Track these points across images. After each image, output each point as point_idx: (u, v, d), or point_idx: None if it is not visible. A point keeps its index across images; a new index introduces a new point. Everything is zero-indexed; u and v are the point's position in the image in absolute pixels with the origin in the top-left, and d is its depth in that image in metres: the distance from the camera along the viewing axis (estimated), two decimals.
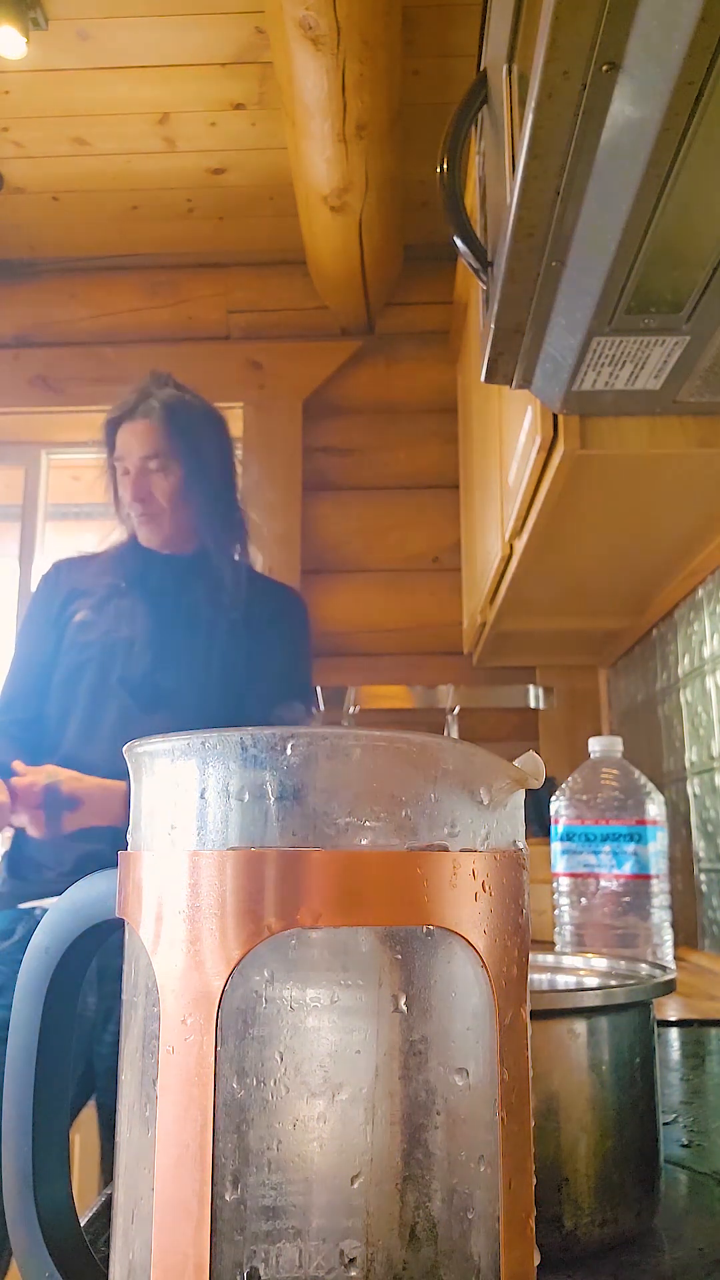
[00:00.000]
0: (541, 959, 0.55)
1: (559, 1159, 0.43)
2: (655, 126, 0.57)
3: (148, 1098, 0.29)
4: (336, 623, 2.32)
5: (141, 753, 0.32)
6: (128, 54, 1.85)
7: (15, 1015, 0.34)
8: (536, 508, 1.27)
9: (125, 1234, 0.30)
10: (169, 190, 2.24)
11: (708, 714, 1.55)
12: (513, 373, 0.92)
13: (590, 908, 1.06)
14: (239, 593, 1.49)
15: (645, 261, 0.71)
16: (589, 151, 0.63)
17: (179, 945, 0.28)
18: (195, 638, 1.46)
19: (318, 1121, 0.30)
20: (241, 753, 0.30)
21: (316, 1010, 0.30)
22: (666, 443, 1.04)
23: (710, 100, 0.55)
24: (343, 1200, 0.30)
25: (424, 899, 0.29)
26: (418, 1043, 0.30)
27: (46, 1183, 0.33)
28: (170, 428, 1.48)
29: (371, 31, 1.52)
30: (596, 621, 1.92)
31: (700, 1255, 0.43)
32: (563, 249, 0.73)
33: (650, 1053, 0.47)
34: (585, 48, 0.56)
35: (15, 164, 2.15)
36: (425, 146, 2.05)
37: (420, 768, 0.30)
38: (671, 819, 1.70)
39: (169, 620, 1.47)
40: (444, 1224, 0.30)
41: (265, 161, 2.14)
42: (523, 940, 0.31)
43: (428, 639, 2.31)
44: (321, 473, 2.39)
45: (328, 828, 0.29)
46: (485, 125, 0.87)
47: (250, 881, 0.28)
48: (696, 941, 1.60)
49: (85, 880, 0.33)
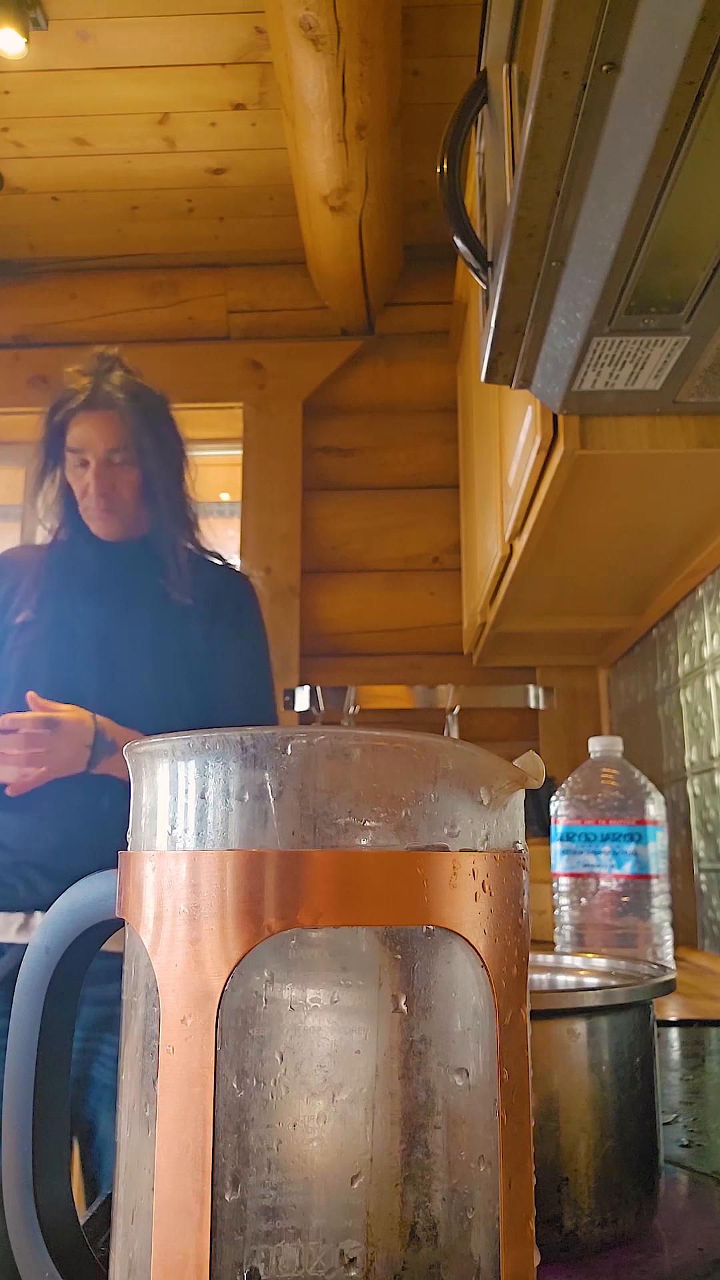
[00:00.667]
0: (541, 959, 0.55)
1: (559, 1159, 0.43)
2: (655, 126, 0.57)
3: (148, 1098, 0.29)
4: (336, 623, 2.32)
5: (142, 753, 0.32)
6: (128, 54, 1.85)
7: (15, 1015, 0.34)
8: (536, 508, 1.27)
9: (125, 1234, 0.30)
10: (169, 190, 2.24)
11: (708, 714, 1.55)
12: (513, 373, 0.92)
13: (590, 908, 1.06)
14: (187, 576, 1.47)
15: (645, 261, 0.71)
16: (589, 151, 0.63)
17: (179, 945, 0.28)
18: (148, 625, 1.44)
19: (318, 1121, 0.30)
20: (242, 753, 0.30)
21: (316, 1010, 0.30)
22: (666, 443, 1.04)
23: (710, 100, 0.55)
24: (343, 1200, 0.30)
25: (424, 899, 0.29)
26: (418, 1043, 0.30)
27: (46, 1183, 0.33)
28: (135, 419, 1.44)
29: (371, 31, 1.52)
30: (596, 621, 1.92)
31: (700, 1255, 0.43)
32: (563, 249, 0.73)
33: (650, 1053, 0.47)
34: (585, 48, 0.56)
35: (15, 164, 2.15)
36: (425, 146, 2.05)
37: (420, 768, 0.30)
38: (671, 819, 1.70)
39: (122, 609, 1.44)
40: (444, 1224, 0.30)
41: (265, 161, 2.14)
42: (523, 940, 0.31)
43: (428, 639, 2.31)
44: (321, 473, 2.39)
45: (328, 828, 0.29)
46: (485, 125, 0.87)
47: (250, 881, 0.28)
48: (696, 941, 1.60)
49: (85, 880, 0.33)
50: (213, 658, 1.47)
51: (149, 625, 1.44)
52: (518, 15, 0.70)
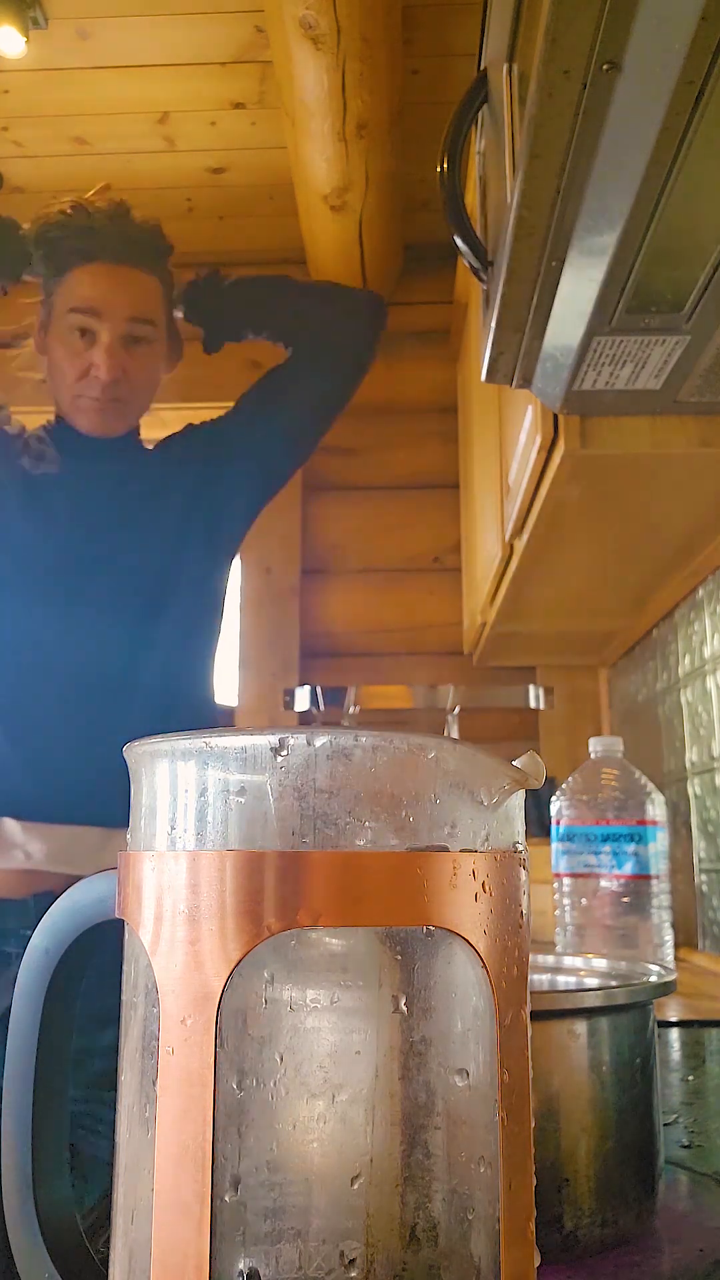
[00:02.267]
0: (541, 959, 0.55)
1: (559, 1160, 0.43)
2: (655, 126, 0.57)
3: (148, 1098, 0.29)
4: (336, 623, 2.32)
5: (142, 752, 0.32)
6: (128, 53, 1.85)
7: (15, 1015, 0.34)
8: (536, 508, 1.27)
9: (125, 1234, 0.30)
10: (169, 190, 2.24)
11: (708, 714, 1.54)
12: (513, 372, 0.92)
13: (590, 908, 1.06)
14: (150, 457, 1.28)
15: (645, 261, 0.71)
16: (589, 151, 0.63)
17: (179, 946, 0.28)
18: (134, 526, 1.25)
19: (318, 1122, 0.30)
20: (241, 752, 0.30)
21: (316, 1011, 0.30)
22: (667, 442, 1.04)
23: (710, 100, 0.55)
24: (343, 1201, 0.30)
25: (424, 899, 0.29)
26: (418, 1043, 0.30)
27: (46, 1183, 0.33)
28: (166, 285, 1.14)
29: (371, 31, 1.51)
30: (596, 621, 1.92)
31: (700, 1255, 0.43)
32: (563, 249, 0.72)
33: (650, 1053, 0.47)
34: (585, 48, 0.56)
35: (15, 163, 2.15)
36: (425, 146, 2.05)
37: (420, 768, 0.30)
38: (672, 819, 1.70)
39: (106, 510, 1.22)
40: (444, 1225, 0.30)
41: (265, 161, 2.14)
42: (523, 940, 0.31)
43: (428, 639, 2.31)
44: (321, 473, 2.39)
45: (328, 828, 0.29)
46: (485, 125, 0.87)
47: (250, 882, 0.28)
48: (696, 942, 1.60)
49: (85, 881, 0.33)
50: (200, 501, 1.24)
51: (137, 520, 1.19)
52: (518, 15, 0.70)
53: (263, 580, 2.32)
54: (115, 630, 1.26)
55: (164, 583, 1.27)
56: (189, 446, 1.34)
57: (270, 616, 2.31)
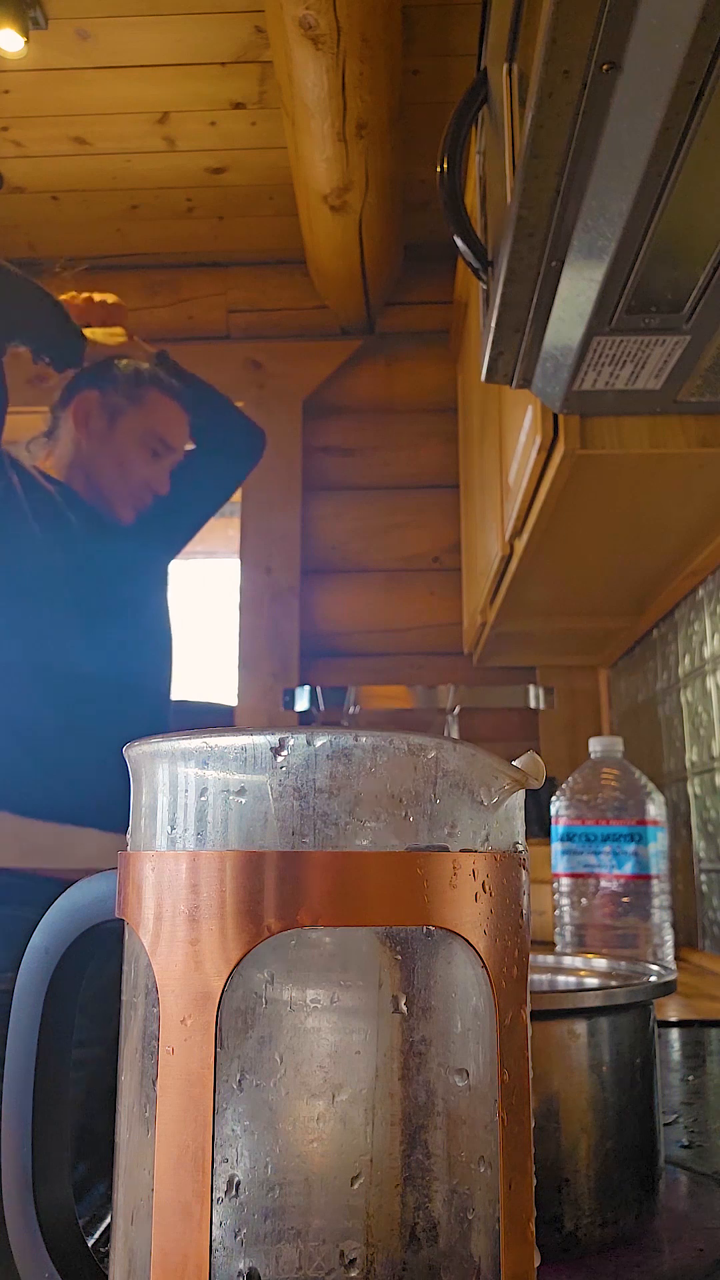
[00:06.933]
0: (541, 959, 0.55)
1: (559, 1160, 0.43)
2: (655, 126, 0.57)
3: (148, 1098, 0.29)
4: (336, 623, 2.32)
5: (142, 753, 0.32)
6: (128, 54, 1.85)
7: (15, 1016, 0.34)
8: (536, 508, 1.27)
9: (125, 1234, 0.30)
10: (169, 190, 2.24)
11: (708, 714, 1.54)
12: (513, 372, 0.92)
13: (590, 908, 1.06)
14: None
15: (645, 261, 0.71)
16: (589, 151, 0.63)
17: (179, 945, 0.28)
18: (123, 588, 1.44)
19: (318, 1122, 0.30)
20: (242, 753, 0.30)
21: (316, 1011, 0.30)
22: (667, 442, 1.04)
23: (710, 100, 0.55)
24: (343, 1201, 0.30)
25: (424, 899, 0.29)
26: (418, 1043, 0.30)
27: (46, 1183, 0.33)
28: (193, 426, 1.43)
29: (371, 31, 1.51)
30: (596, 621, 1.92)
31: (700, 1255, 0.43)
32: (562, 248, 0.72)
33: (650, 1053, 0.47)
34: (585, 47, 0.56)
35: (15, 164, 2.15)
36: (425, 146, 2.05)
37: (421, 768, 0.30)
38: (672, 819, 1.70)
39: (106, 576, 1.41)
40: (444, 1225, 0.30)
41: (265, 161, 2.14)
42: (523, 941, 0.31)
43: (428, 639, 2.31)
44: (321, 472, 2.39)
45: (328, 828, 0.29)
46: (485, 125, 0.87)
47: (250, 882, 0.28)
48: (697, 942, 1.60)
49: (85, 881, 0.33)
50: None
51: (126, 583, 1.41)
52: (518, 15, 0.70)
53: (263, 580, 2.32)
54: (111, 633, 1.41)
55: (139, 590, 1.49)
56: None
57: (270, 616, 2.31)
